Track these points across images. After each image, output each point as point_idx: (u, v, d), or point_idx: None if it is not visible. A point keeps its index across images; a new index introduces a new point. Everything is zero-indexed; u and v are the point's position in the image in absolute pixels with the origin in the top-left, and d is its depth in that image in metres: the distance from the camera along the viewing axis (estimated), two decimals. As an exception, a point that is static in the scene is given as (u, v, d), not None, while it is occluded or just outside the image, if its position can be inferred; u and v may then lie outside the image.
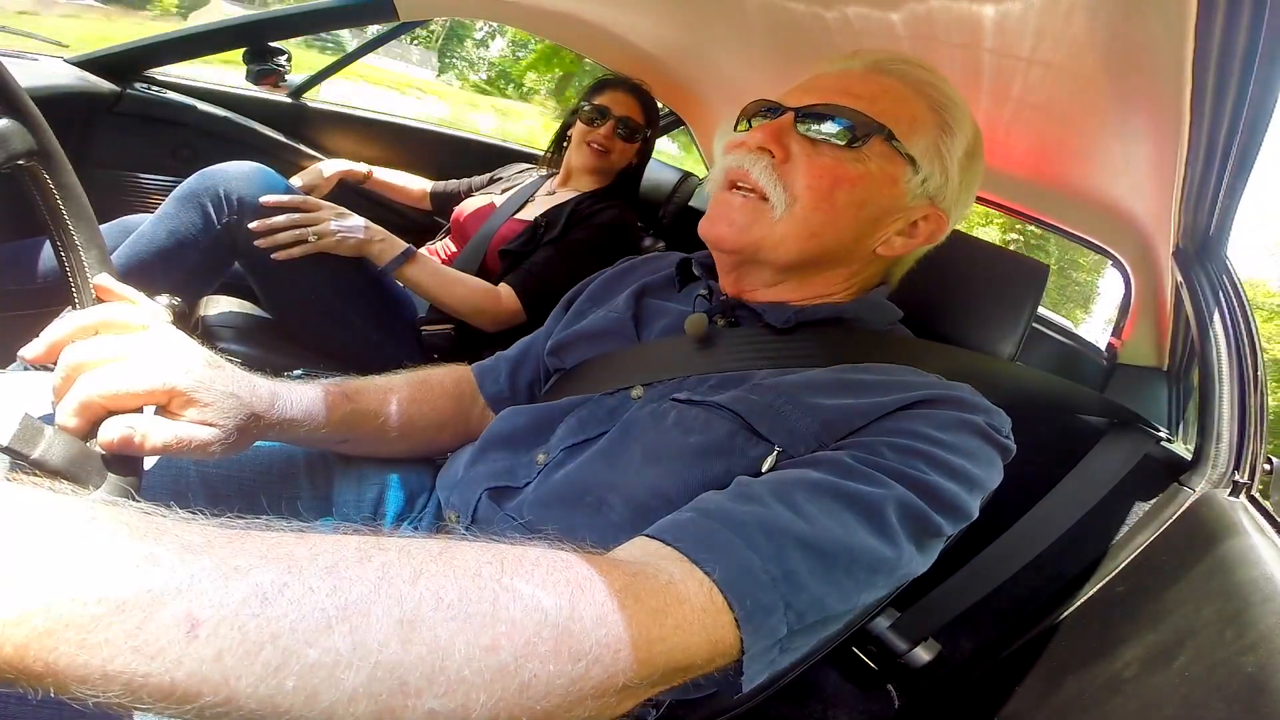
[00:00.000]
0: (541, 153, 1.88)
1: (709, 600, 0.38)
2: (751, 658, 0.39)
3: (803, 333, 0.61)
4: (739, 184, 0.59)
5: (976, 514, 0.51)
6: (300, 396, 0.57)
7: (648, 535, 0.42)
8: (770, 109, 0.61)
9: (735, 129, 0.65)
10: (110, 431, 0.40)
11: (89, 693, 0.23)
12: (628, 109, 1.41)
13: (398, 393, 0.68)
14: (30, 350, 0.43)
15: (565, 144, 1.48)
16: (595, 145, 1.40)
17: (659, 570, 0.38)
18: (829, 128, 0.57)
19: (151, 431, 0.42)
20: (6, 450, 0.35)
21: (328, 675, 0.26)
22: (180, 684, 0.24)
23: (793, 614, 0.40)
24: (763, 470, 0.51)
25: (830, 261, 0.61)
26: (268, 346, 1.11)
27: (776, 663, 0.41)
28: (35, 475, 0.37)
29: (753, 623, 0.38)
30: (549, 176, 1.53)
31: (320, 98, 1.70)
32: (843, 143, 0.56)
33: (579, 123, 1.43)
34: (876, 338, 0.63)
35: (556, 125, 1.57)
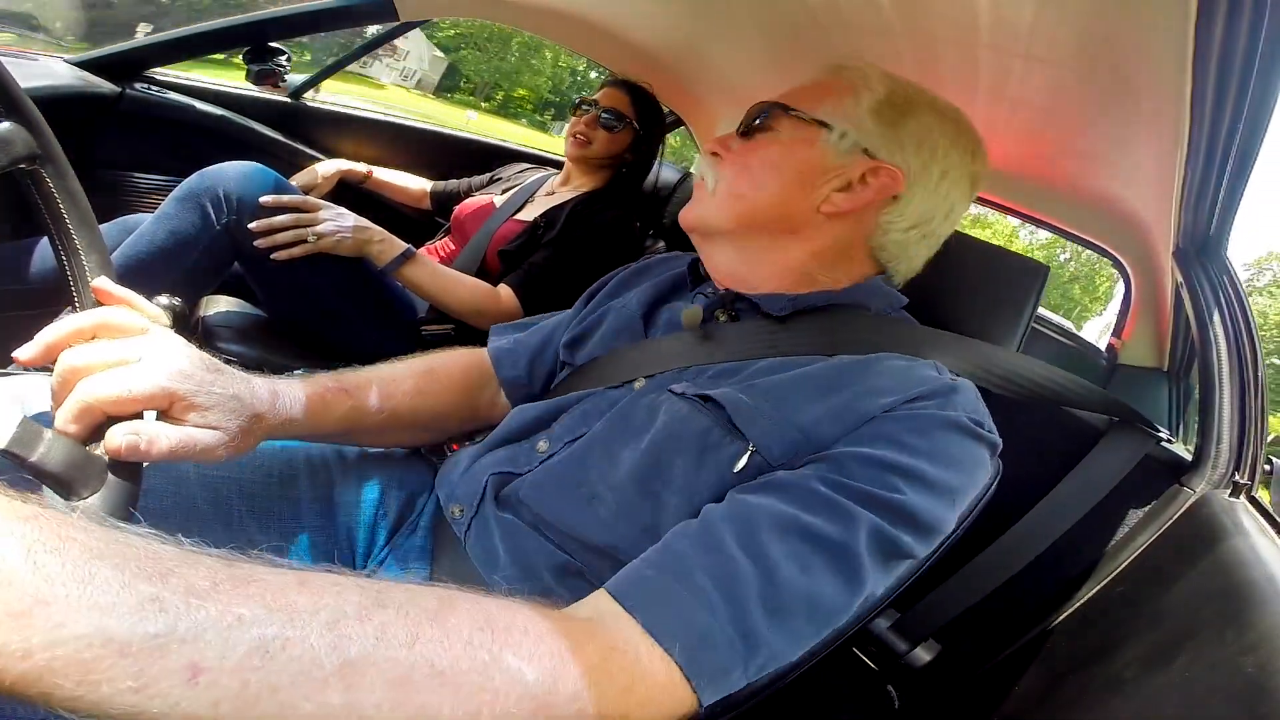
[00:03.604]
0: (540, 152, 1.88)
1: (668, 677, 0.39)
2: (710, 708, 0.41)
3: (801, 321, 0.62)
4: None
5: (954, 525, 0.51)
6: (301, 395, 0.57)
7: (612, 595, 0.43)
8: None
9: None
10: (116, 439, 0.40)
11: (81, 718, 0.24)
12: (614, 101, 1.42)
13: (401, 385, 0.68)
14: (25, 352, 0.43)
15: None
16: (577, 135, 1.41)
17: (628, 645, 0.39)
18: (751, 121, 0.67)
19: (156, 438, 0.42)
20: (4, 454, 0.35)
21: None
22: None
23: (753, 668, 0.42)
24: (735, 470, 0.51)
25: (773, 225, 0.64)
26: (267, 346, 1.11)
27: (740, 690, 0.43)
28: (34, 478, 0.36)
29: (712, 686, 0.40)
30: (550, 176, 1.53)
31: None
32: (759, 129, 0.66)
33: (571, 117, 1.45)
34: (879, 324, 0.63)
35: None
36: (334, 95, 1.74)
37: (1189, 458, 0.90)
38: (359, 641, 0.30)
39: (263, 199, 1.02)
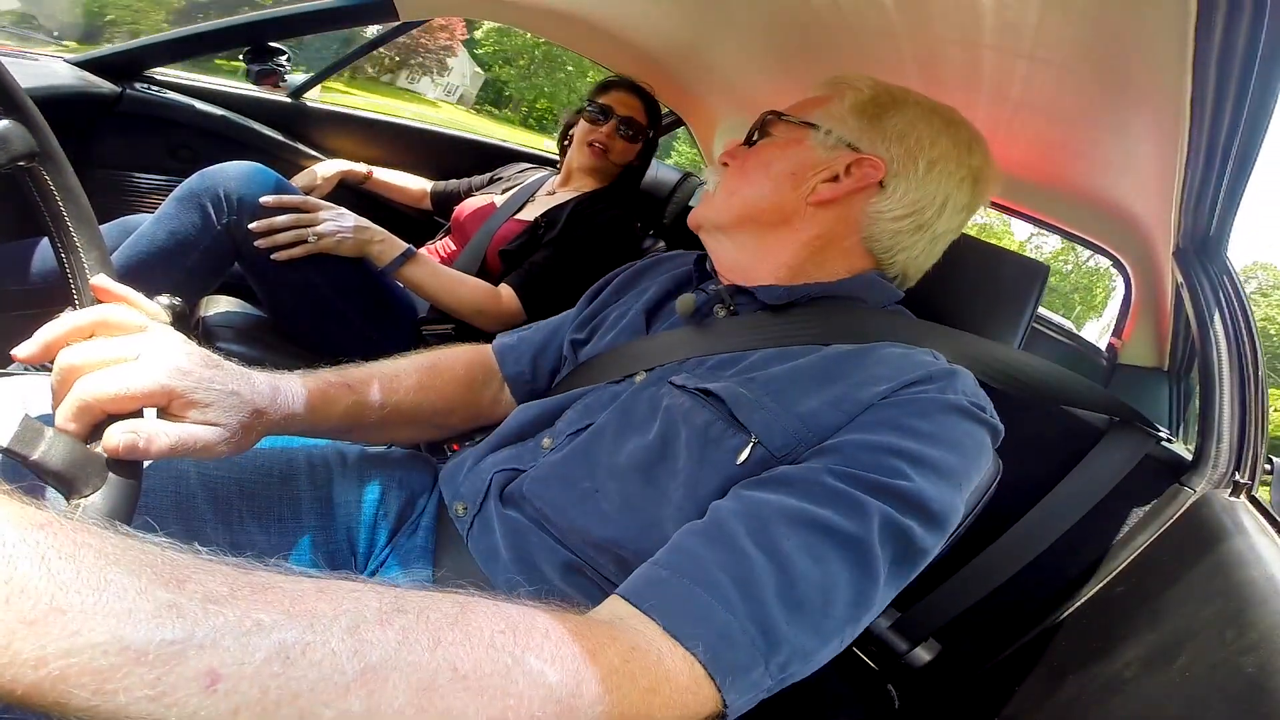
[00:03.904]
0: (540, 153, 1.88)
1: (690, 678, 0.39)
2: (736, 709, 0.40)
3: (797, 312, 0.64)
4: None
5: (962, 513, 0.51)
6: (302, 389, 0.58)
7: (627, 599, 0.42)
8: None
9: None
10: (115, 438, 0.40)
11: None
12: (631, 109, 1.41)
13: (404, 380, 0.68)
14: (24, 350, 0.43)
15: (568, 143, 1.48)
16: (597, 144, 1.39)
17: (650, 646, 0.39)
18: (753, 133, 0.73)
19: (155, 436, 0.42)
20: (6, 452, 0.35)
21: None
22: None
23: (775, 666, 0.41)
24: (739, 462, 0.51)
25: (766, 217, 0.67)
26: (267, 346, 1.11)
27: (763, 694, 0.42)
28: (35, 476, 0.37)
29: (735, 685, 0.40)
30: (550, 176, 1.53)
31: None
32: (758, 136, 0.72)
33: (582, 121, 1.42)
34: (875, 316, 0.64)
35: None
36: (394, 109, 1.75)
37: (1189, 457, 0.90)
38: (380, 646, 0.29)
39: (263, 199, 1.02)
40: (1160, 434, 0.87)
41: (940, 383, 0.53)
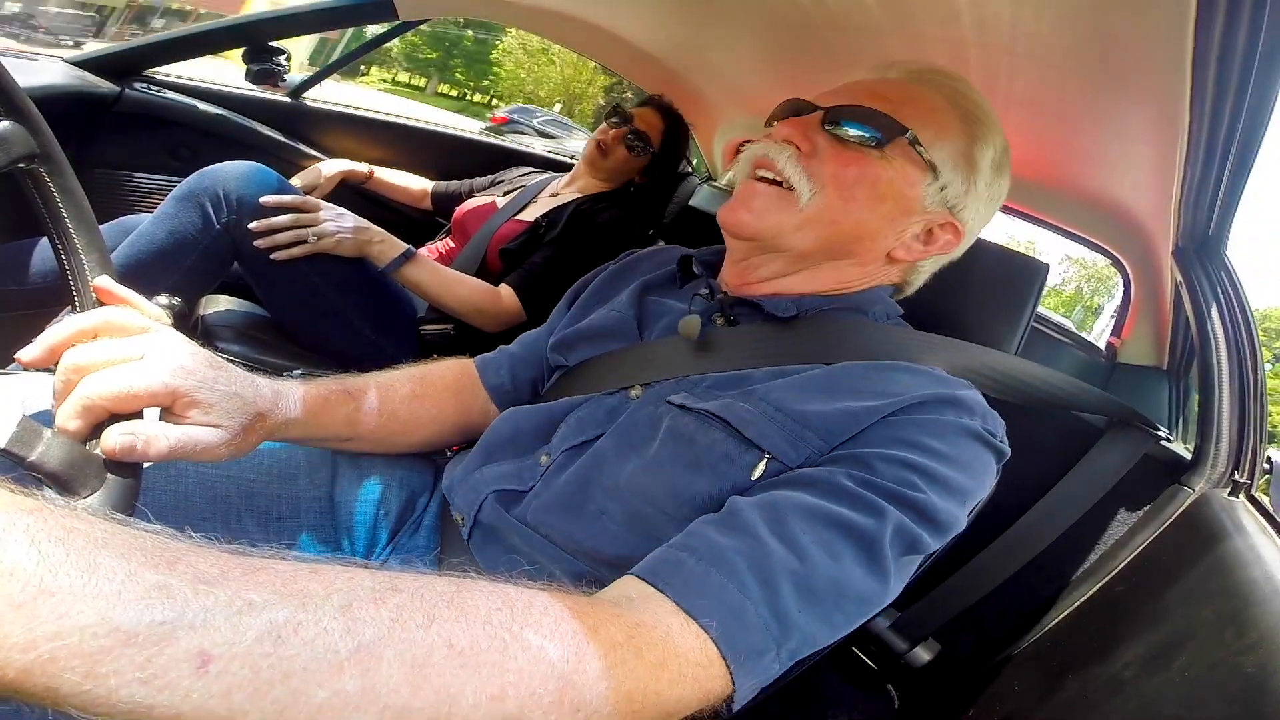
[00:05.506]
0: (540, 154, 1.88)
1: (703, 654, 0.38)
2: (743, 692, 0.40)
3: (801, 325, 0.61)
4: (762, 172, 0.61)
5: (965, 526, 0.52)
6: (303, 395, 0.57)
7: (640, 578, 0.42)
8: (800, 109, 0.62)
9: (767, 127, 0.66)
10: (113, 439, 0.40)
11: (89, 715, 0.23)
12: (648, 125, 1.44)
13: (399, 390, 0.68)
14: (27, 353, 0.43)
15: None
16: (600, 143, 1.42)
17: (657, 622, 0.38)
18: (854, 128, 0.58)
19: (155, 438, 0.42)
20: (3, 452, 0.35)
21: (335, 716, 0.27)
22: (186, 716, 0.24)
23: (785, 653, 0.41)
24: (753, 478, 0.51)
25: (843, 254, 0.61)
26: (267, 346, 1.11)
27: (764, 685, 0.42)
28: (33, 477, 0.36)
29: (745, 668, 0.40)
30: (553, 178, 1.53)
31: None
32: (867, 142, 0.58)
33: (604, 122, 1.47)
34: (876, 332, 0.63)
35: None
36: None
37: (1189, 456, 0.90)
38: (374, 624, 0.29)
39: (263, 199, 1.02)
40: (1159, 433, 0.87)
41: (958, 408, 0.53)
